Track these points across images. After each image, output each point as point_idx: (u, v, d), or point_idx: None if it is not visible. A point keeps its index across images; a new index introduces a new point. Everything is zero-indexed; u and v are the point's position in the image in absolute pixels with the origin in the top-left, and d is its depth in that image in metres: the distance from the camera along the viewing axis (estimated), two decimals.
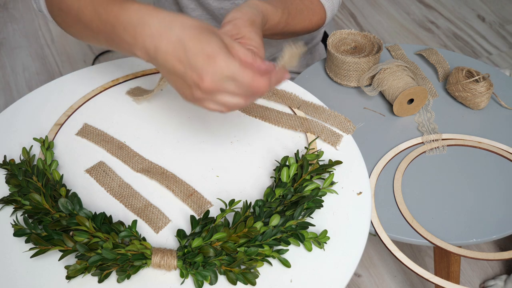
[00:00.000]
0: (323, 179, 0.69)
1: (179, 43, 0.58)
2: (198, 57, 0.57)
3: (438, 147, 0.90)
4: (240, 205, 0.65)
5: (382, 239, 0.78)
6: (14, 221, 0.62)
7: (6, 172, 0.69)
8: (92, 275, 0.58)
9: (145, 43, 0.60)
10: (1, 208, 0.65)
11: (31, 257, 0.59)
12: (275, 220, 0.62)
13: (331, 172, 0.69)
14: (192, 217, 0.63)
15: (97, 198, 0.67)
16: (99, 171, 0.70)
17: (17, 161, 0.70)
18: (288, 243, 0.62)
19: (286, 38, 1.09)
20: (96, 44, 0.72)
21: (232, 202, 0.64)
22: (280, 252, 0.61)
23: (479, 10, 2.31)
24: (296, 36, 0.99)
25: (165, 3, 1.11)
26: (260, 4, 0.80)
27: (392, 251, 0.76)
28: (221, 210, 0.63)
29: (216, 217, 0.63)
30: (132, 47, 0.62)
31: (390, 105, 0.98)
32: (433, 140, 0.91)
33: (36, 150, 0.73)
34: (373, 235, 0.79)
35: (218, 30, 0.63)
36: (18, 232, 0.60)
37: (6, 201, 0.64)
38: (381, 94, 1.00)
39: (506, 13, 2.29)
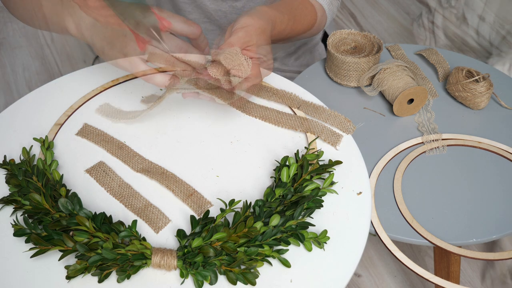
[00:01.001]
0: (323, 179, 0.69)
1: None
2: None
3: (438, 147, 0.90)
4: (240, 205, 0.65)
5: (382, 239, 0.78)
6: (14, 221, 0.62)
7: (6, 172, 0.69)
8: (92, 275, 0.58)
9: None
10: (1, 208, 0.65)
11: (31, 257, 0.59)
12: (275, 220, 0.62)
13: (331, 172, 0.69)
14: (192, 217, 0.63)
15: (97, 198, 0.67)
16: (99, 171, 0.70)
17: (17, 161, 0.70)
18: (288, 243, 0.62)
19: (286, 43, 1.09)
20: (38, 25, 0.80)
21: (232, 202, 0.64)
22: (280, 252, 0.61)
23: (479, 10, 2.31)
24: (296, 41, 0.99)
25: (163, 6, 1.11)
26: (270, 11, 0.81)
27: (392, 251, 0.76)
28: (221, 210, 0.63)
29: (216, 217, 0.63)
30: (66, 15, 0.72)
31: (390, 105, 0.98)
32: (433, 140, 0.91)
33: (36, 150, 0.73)
34: (373, 235, 0.79)
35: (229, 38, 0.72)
36: (18, 232, 0.60)
37: (6, 201, 0.64)
38: (381, 94, 1.00)
39: (506, 13, 2.28)
